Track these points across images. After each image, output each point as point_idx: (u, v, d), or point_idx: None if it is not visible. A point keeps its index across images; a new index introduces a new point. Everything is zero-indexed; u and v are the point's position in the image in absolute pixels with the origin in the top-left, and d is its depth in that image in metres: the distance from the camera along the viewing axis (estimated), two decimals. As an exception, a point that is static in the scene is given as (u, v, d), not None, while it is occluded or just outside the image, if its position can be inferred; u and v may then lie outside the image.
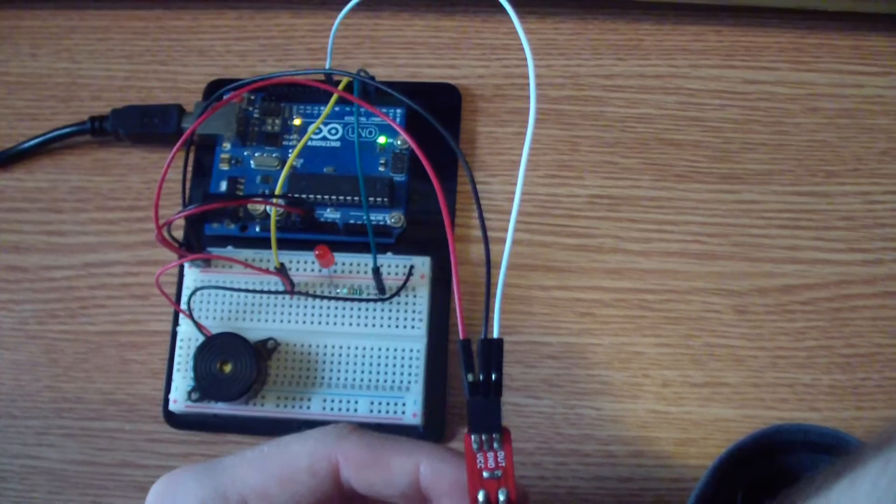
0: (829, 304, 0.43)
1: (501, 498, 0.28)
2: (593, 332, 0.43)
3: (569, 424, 0.42)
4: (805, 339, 0.43)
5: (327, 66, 0.41)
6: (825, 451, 0.35)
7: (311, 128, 0.40)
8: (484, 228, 0.29)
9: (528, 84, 0.46)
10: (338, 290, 0.42)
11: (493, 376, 0.28)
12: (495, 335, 0.28)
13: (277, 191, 0.40)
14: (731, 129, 0.46)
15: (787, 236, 0.44)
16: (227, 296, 0.42)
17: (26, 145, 0.46)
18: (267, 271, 0.41)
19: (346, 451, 0.29)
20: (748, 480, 0.36)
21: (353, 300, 0.42)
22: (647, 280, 0.44)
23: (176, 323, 0.43)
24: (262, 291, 0.42)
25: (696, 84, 0.46)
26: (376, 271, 0.41)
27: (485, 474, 0.28)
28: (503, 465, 0.28)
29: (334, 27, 0.39)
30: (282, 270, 0.41)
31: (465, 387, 0.28)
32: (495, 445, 0.28)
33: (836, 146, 0.45)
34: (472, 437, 0.28)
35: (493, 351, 0.28)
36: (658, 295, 0.43)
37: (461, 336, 0.28)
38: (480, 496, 0.28)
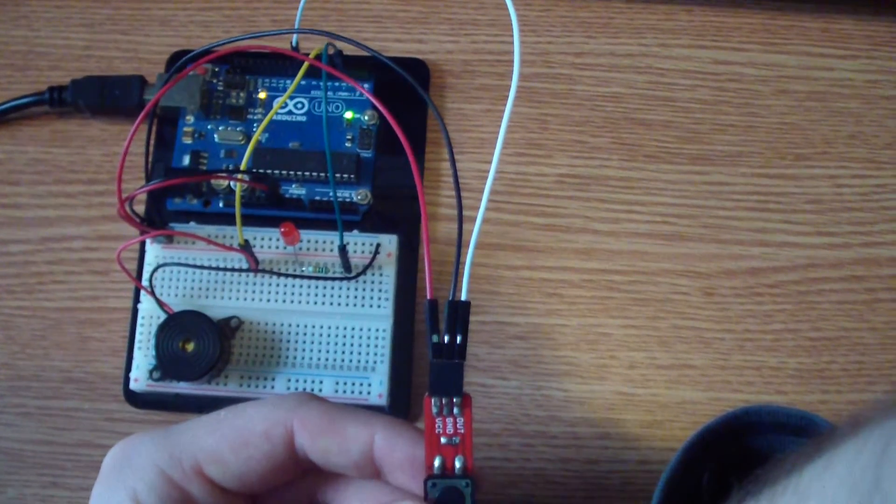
0: (796, 287, 0.43)
1: (458, 465, 0.28)
2: (561, 312, 0.43)
3: (535, 406, 0.42)
4: (772, 322, 0.43)
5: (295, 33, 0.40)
6: (793, 433, 0.36)
7: (279, 101, 0.39)
8: (456, 181, 0.29)
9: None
10: (303, 268, 0.41)
11: (458, 339, 0.28)
12: (463, 297, 0.28)
13: (242, 166, 0.39)
14: (701, 110, 0.45)
15: (755, 219, 0.44)
16: (189, 273, 0.42)
17: (-19, 116, 0.45)
18: (231, 248, 0.40)
19: (302, 417, 0.29)
20: (716, 462, 0.36)
21: (318, 279, 0.41)
22: (616, 261, 0.43)
23: (137, 300, 0.42)
24: (225, 269, 0.41)
25: (667, 63, 0.46)
26: (342, 249, 0.40)
27: (443, 440, 0.28)
28: (462, 431, 0.28)
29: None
30: (246, 247, 0.40)
31: (429, 348, 0.28)
32: (455, 411, 0.28)
33: (805, 129, 0.45)
34: (433, 399, 0.28)
35: (459, 313, 0.28)
36: (626, 276, 0.43)
37: (429, 296, 0.28)
38: (436, 462, 0.28)
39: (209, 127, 0.44)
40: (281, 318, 0.41)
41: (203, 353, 0.40)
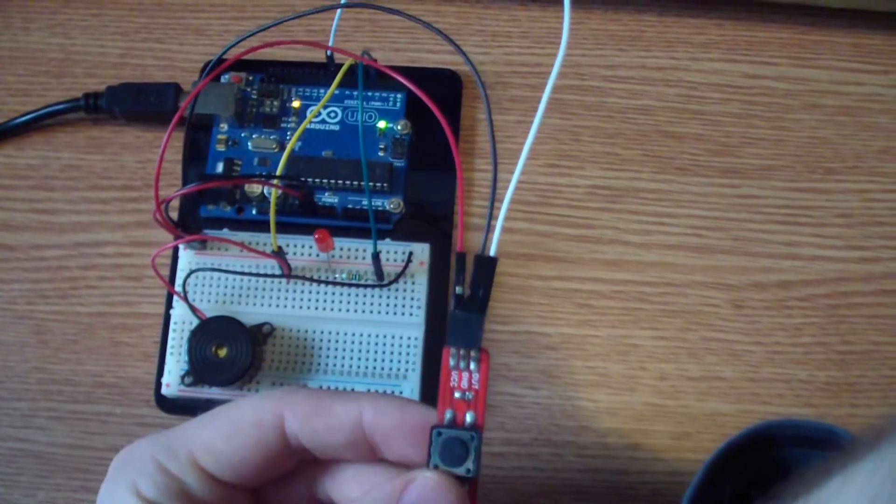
0: (826, 300, 0.43)
1: (468, 420, 0.28)
2: (591, 323, 0.43)
3: (566, 416, 0.42)
4: (802, 335, 0.43)
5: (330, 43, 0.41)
6: (817, 446, 0.35)
7: (315, 108, 0.39)
8: (492, 131, 0.29)
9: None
10: (336, 276, 0.42)
11: (481, 293, 0.28)
12: (492, 254, 0.28)
13: (278, 172, 0.40)
14: (732, 124, 0.46)
15: (785, 232, 0.44)
16: (222, 278, 0.42)
17: (17, 121, 0.45)
18: (265, 254, 0.41)
19: (291, 403, 0.29)
20: (739, 476, 0.36)
21: (351, 285, 0.41)
22: (646, 272, 0.43)
23: (169, 305, 0.42)
24: (258, 274, 0.41)
25: (697, 77, 0.46)
26: (376, 257, 0.40)
27: (456, 394, 0.28)
28: (476, 387, 0.28)
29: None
30: (279, 254, 0.40)
31: (453, 299, 0.29)
32: (472, 365, 0.28)
33: (835, 143, 0.45)
34: (451, 350, 0.28)
35: (485, 268, 0.28)
36: (656, 287, 0.43)
37: (458, 249, 0.29)
38: (447, 415, 0.28)
39: (243, 135, 0.44)
40: (313, 325, 0.41)
41: (236, 358, 0.40)
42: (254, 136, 0.44)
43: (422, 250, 0.42)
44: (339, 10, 0.39)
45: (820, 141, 0.45)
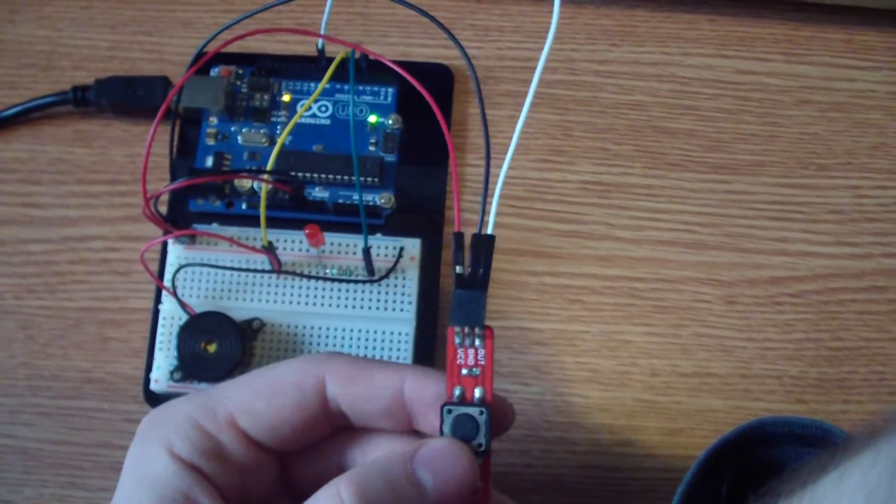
0: (817, 297, 0.43)
1: (477, 395, 0.29)
2: (582, 319, 0.43)
3: (557, 412, 0.42)
4: (793, 331, 0.43)
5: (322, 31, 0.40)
6: (809, 444, 0.35)
7: (305, 103, 0.39)
8: (483, 113, 0.30)
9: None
10: (326, 271, 0.41)
11: (482, 271, 0.29)
12: (489, 232, 0.29)
13: (268, 168, 0.39)
14: (724, 119, 0.45)
15: (776, 228, 0.44)
16: (212, 274, 0.41)
17: (4, 114, 0.45)
18: (255, 249, 0.40)
19: (332, 367, 0.30)
20: (733, 474, 0.36)
21: (341, 281, 0.41)
22: (638, 268, 0.43)
23: (158, 300, 0.42)
24: (248, 270, 0.41)
25: (690, 73, 0.46)
26: (367, 252, 0.40)
27: (463, 371, 0.29)
28: (482, 363, 0.29)
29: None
30: (270, 249, 0.40)
31: (454, 279, 0.29)
32: (477, 342, 0.29)
33: (827, 139, 0.45)
34: (455, 329, 0.29)
35: (484, 246, 0.29)
36: (648, 283, 0.43)
37: (456, 228, 0.29)
38: (456, 391, 0.29)
39: (232, 129, 0.44)
40: (303, 321, 0.41)
41: (225, 354, 0.39)
42: (244, 131, 0.44)
43: (413, 245, 0.42)
44: None
45: (811, 137, 0.45)
